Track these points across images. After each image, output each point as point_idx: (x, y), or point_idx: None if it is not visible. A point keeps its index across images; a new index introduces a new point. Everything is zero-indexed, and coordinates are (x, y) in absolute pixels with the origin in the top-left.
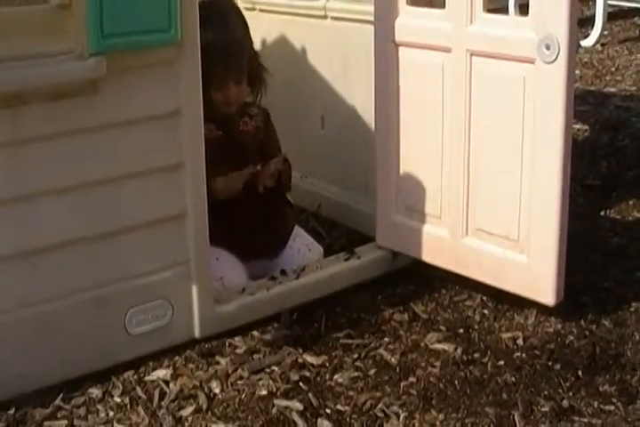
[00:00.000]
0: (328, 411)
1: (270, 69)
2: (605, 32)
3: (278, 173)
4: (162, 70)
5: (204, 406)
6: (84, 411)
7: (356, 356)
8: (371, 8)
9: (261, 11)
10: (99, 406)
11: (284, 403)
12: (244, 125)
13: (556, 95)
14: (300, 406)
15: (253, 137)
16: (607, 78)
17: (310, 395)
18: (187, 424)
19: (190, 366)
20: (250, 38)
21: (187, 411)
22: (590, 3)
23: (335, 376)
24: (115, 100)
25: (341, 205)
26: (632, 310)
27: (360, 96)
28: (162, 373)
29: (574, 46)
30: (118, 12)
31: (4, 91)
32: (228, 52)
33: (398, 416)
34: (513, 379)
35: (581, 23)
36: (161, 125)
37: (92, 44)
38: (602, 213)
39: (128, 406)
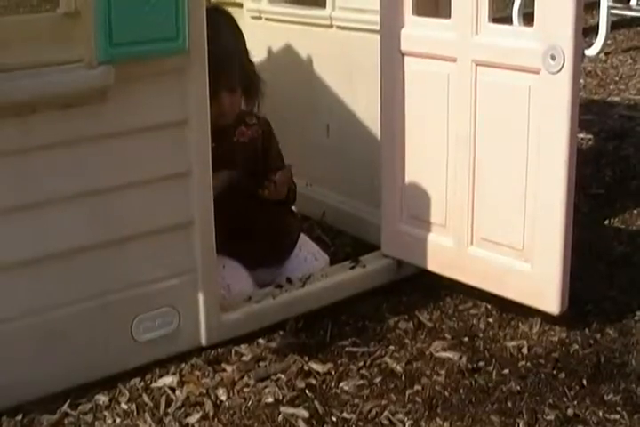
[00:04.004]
0: (334, 419)
1: (276, 78)
2: (609, 41)
3: (287, 189)
4: (170, 79)
5: (211, 414)
6: (91, 417)
7: (361, 364)
8: (376, 18)
9: (267, 20)
10: (106, 413)
11: (290, 410)
12: (239, 135)
13: (561, 105)
14: (305, 414)
15: (249, 147)
16: (611, 87)
17: (316, 402)
18: None
19: (197, 373)
20: (244, 48)
21: (193, 418)
22: (594, 12)
23: (341, 384)
24: (123, 108)
25: (346, 213)
26: (637, 318)
27: (365, 105)
28: (168, 380)
29: (579, 57)
30: (127, 20)
31: (13, 99)
32: (218, 60)
33: (404, 424)
34: (518, 387)
35: (585, 32)
36: (168, 134)
37: (101, 52)
38: (606, 221)
39: (135, 413)
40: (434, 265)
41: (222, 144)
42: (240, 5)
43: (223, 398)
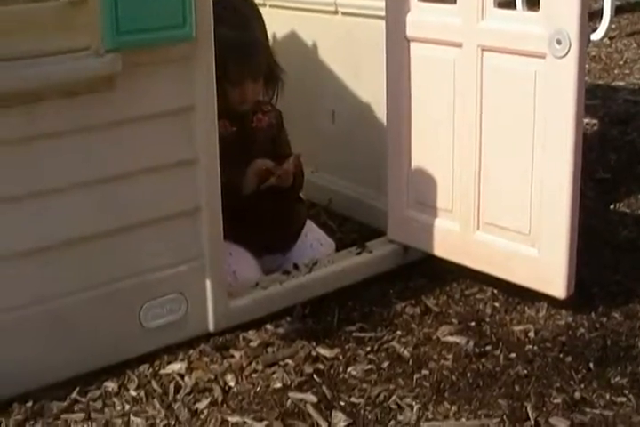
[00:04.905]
0: (342, 403)
1: (281, 65)
2: (613, 25)
3: (293, 175)
4: (176, 66)
5: (220, 399)
6: (101, 404)
7: (368, 349)
8: (382, 3)
9: (272, 6)
10: (115, 400)
11: (299, 396)
12: (257, 122)
13: (566, 90)
14: (314, 399)
15: (266, 133)
16: (615, 72)
17: (324, 387)
18: (202, 417)
19: (205, 359)
20: (266, 37)
21: (202, 404)
22: None
23: (349, 369)
24: (129, 96)
25: (352, 199)
26: None
27: (371, 91)
28: (177, 366)
29: (585, 41)
30: (133, 8)
31: (20, 88)
32: (246, 49)
33: (412, 408)
34: (525, 371)
35: (589, 17)
36: (175, 121)
37: (108, 40)
38: (611, 206)
39: (144, 400)
40: (440, 250)
41: (243, 129)
42: None
43: (232, 383)
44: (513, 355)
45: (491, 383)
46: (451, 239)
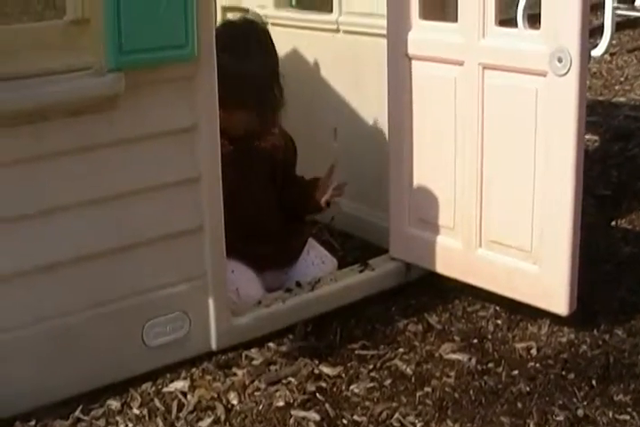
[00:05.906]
0: (345, 421)
1: (283, 83)
2: (614, 42)
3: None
4: (179, 86)
5: (222, 418)
6: (104, 422)
7: (371, 366)
8: (383, 22)
9: (274, 25)
10: (118, 418)
11: (302, 414)
12: (261, 141)
13: (568, 108)
14: (317, 417)
15: (269, 153)
16: (616, 88)
17: (327, 406)
18: None
19: (208, 377)
20: (272, 68)
21: (205, 422)
22: (598, 13)
23: (351, 387)
24: (133, 115)
25: (355, 217)
26: None
27: (373, 109)
28: (180, 384)
29: (586, 59)
30: (136, 27)
31: (24, 107)
32: (238, 81)
33: (415, 426)
34: (527, 388)
35: (590, 33)
36: (178, 140)
37: (111, 59)
38: (613, 222)
39: (147, 418)
40: (442, 268)
41: (242, 147)
42: (246, 11)
43: (234, 402)
44: (515, 372)
45: (493, 401)
46: (453, 257)
